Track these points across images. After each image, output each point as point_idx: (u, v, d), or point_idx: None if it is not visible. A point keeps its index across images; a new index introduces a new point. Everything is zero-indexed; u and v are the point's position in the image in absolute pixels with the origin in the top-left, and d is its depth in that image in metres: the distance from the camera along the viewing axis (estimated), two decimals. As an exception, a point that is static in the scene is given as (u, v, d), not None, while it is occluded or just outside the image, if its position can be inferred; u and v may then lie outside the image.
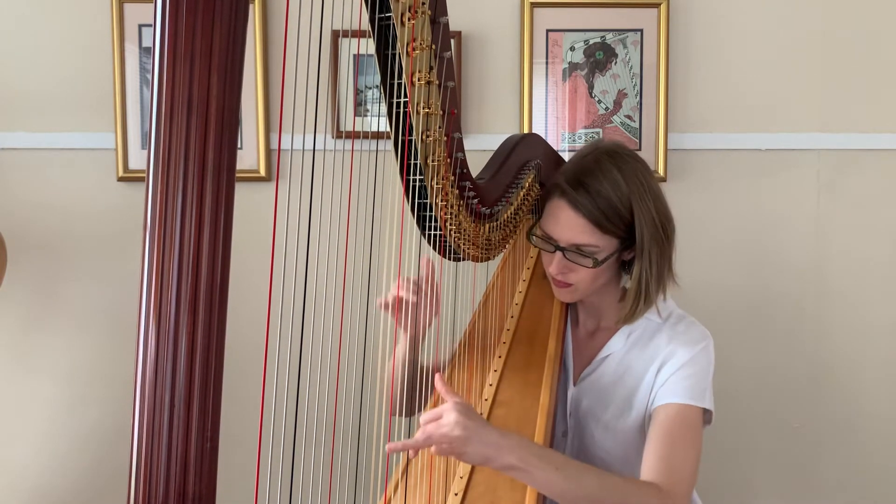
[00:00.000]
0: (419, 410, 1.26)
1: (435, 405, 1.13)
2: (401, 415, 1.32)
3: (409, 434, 1.18)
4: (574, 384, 1.31)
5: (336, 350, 0.95)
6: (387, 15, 0.94)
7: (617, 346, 1.28)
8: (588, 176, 1.19)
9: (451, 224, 1.15)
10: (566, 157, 1.83)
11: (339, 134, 1.91)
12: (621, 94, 1.97)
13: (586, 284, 1.24)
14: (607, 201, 1.18)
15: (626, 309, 1.24)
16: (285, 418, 0.83)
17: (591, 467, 1.06)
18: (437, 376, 1.03)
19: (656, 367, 1.22)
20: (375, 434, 1.06)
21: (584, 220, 1.18)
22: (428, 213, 1.13)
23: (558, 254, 1.22)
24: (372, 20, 0.95)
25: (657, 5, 1.94)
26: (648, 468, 1.11)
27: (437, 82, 1.01)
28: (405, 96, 1.00)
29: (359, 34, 1.72)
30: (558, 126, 1.97)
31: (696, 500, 1.33)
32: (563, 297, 1.29)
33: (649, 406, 1.21)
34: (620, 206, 1.18)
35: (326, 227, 0.85)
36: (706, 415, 1.21)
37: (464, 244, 1.21)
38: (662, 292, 1.24)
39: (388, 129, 1.02)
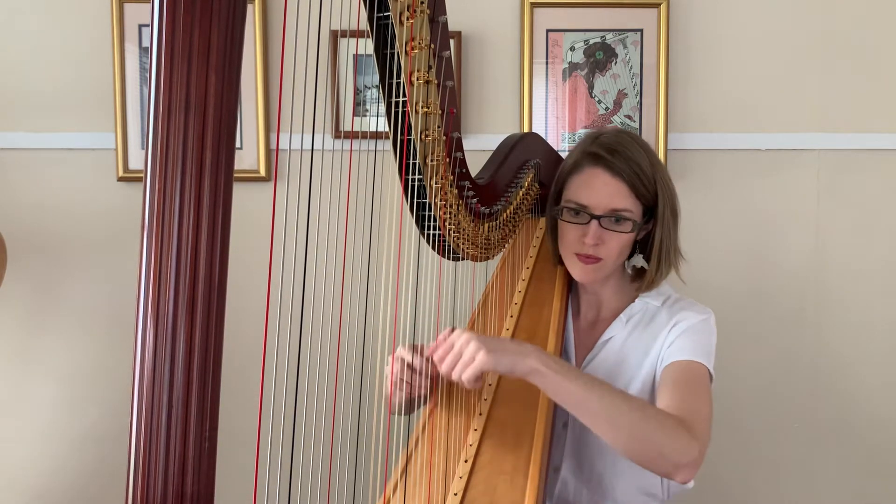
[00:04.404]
0: (417, 408, 1.26)
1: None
2: (399, 413, 1.32)
3: (410, 433, 1.19)
4: None
5: (335, 350, 0.95)
6: (385, 14, 0.94)
7: (617, 329, 1.30)
8: (619, 146, 1.23)
9: (450, 223, 1.15)
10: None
11: (338, 134, 1.91)
12: (621, 94, 1.97)
13: (613, 259, 1.25)
14: (640, 167, 1.22)
15: (650, 274, 1.28)
16: (284, 418, 0.83)
17: (612, 386, 1.06)
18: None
19: (665, 333, 1.24)
20: (374, 435, 1.06)
21: (623, 183, 1.22)
22: (427, 213, 1.13)
23: (593, 224, 1.22)
24: (371, 19, 0.95)
25: (657, 5, 1.94)
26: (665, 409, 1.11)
27: (436, 81, 1.01)
28: (404, 96, 1.00)
29: (357, 34, 1.72)
30: (558, 126, 1.97)
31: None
32: (587, 275, 1.27)
33: (657, 374, 1.22)
34: (649, 174, 1.23)
35: (326, 227, 0.85)
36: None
37: (463, 244, 1.21)
38: (676, 264, 1.29)
39: (388, 129, 1.02)
